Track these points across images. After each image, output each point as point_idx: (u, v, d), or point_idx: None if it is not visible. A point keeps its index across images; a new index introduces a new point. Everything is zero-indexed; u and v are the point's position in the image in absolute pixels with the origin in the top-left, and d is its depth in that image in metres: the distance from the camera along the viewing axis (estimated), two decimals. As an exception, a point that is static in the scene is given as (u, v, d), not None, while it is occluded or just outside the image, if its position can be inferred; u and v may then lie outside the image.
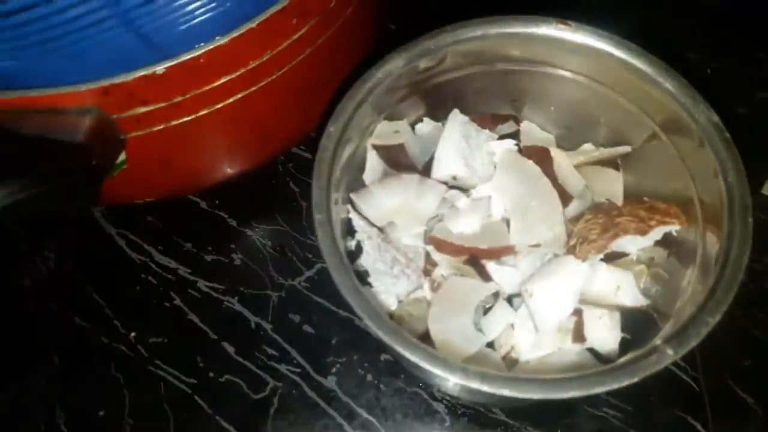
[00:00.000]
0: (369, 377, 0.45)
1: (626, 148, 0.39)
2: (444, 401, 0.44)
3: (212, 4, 0.38)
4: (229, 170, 0.48)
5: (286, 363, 0.46)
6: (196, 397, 0.45)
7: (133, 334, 0.48)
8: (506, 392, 0.27)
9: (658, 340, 0.29)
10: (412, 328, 0.36)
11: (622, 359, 0.29)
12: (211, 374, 0.46)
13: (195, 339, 0.47)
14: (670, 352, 0.29)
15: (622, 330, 0.37)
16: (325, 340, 0.46)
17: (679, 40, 0.59)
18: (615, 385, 0.28)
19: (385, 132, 0.38)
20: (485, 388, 0.27)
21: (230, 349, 0.47)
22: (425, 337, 0.35)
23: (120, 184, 0.46)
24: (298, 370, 0.46)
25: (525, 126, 0.42)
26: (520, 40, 0.36)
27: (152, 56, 0.38)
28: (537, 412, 0.44)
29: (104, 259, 0.51)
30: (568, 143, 0.43)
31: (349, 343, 0.46)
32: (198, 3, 0.38)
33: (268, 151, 0.50)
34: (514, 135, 0.43)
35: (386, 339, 0.28)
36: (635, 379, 0.29)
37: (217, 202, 0.52)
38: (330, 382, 0.45)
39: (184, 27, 0.38)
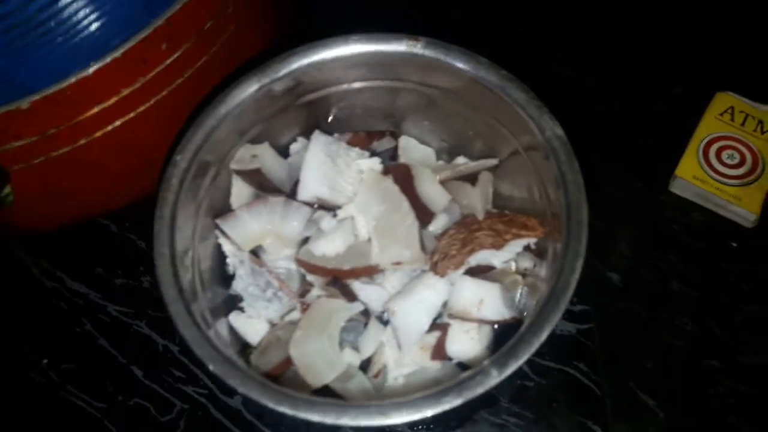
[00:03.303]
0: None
1: (492, 161, 0.39)
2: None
3: (69, 37, 0.38)
4: (126, 196, 0.49)
5: (192, 384, 0.47)
6: (106, 422, 0.46)
7: (45, 361, 0.49)
8: (315, 418, 0.27)
9: (486, 361, 0.29)
10: (279, 352, 0.36)
11: (450, 382, 0.29)
12: (120, 398, 0.47)
13: (105, 363, 0.48)
14: (494, 372, 0.28)
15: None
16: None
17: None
18: (436, 410, 0.28)
19: (244, 157, 0.38)
20: (291, 412, 0.27)
21: (138, 373, 0.48)
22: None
23: (19, 216, 0.47)
24: (205, 391, 0.46)
25: (403, 141, 0.42)
26: (374, 57, 0.36)
27: (14, 92, 0.38)
28: (431, 420, 0.44)
29: (17, 286, 0.51)
30: (448, 156, 0.43)
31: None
32: (57, 33, 0.38)
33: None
34: (395, 149, 0.43)
35: (212, 368, 0.29)
36: (460, 401, 0.28)
37: (126, 224, 0.53)
38: (236, 402, 0.46)
39: (43, 61, 0.38)
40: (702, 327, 0.47)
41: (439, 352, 0.35)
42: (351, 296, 0.37)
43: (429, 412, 0.28)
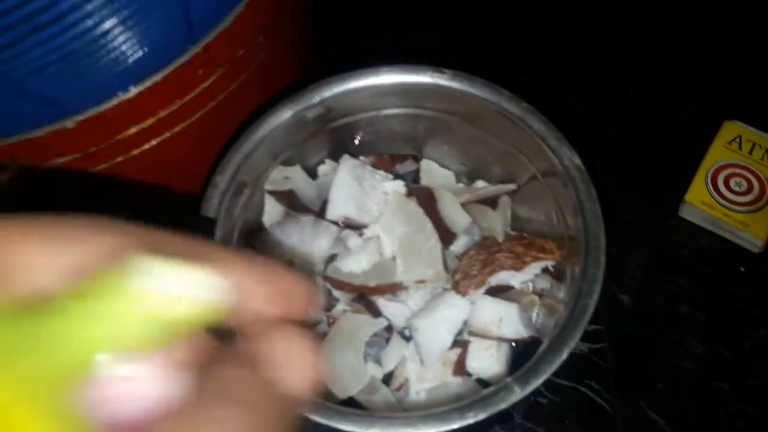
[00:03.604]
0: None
1: (511, 186, 0.41)
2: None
3: (116, 60, 0.40)
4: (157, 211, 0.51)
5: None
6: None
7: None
8: (346, 427, 0.28)
9: (509, 378, 0.31)
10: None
11: (474, 396, 0.31)
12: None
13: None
14: (516, 389, 0.30)
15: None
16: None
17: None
18: (461, 423, 0.30)
19: (277, 178, 0.40)
20: (324, 421, 0.28)
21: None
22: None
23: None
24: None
25: (425, 164, 0.44)
26: (401, 87, 0.38)
27: (58, 112, 0.40)
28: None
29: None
30: (468, 179, 0.45)
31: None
32: (103, 59, 0.40)
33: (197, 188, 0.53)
34: (417, 172, 0.45)
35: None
36: (484, 416, 0.30)
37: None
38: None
39: (88, 84, 0.40)
40: (711, 350, 0.49)
41: (460, 368, 0.37)
42: (375, 312, 0.39)
43: (455, 425, 0.30)
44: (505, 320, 0.37)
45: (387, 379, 0.40)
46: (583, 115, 0.58)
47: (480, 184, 0.43)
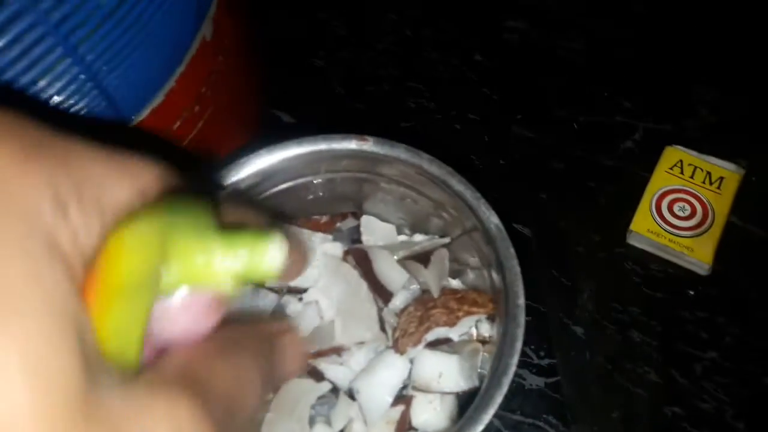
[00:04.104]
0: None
1: (444, 240, 0.42)
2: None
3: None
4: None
5: None
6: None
7: None
8: None
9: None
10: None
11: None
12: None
13: None
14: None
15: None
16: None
17: (547, 97, 0.61)
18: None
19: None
20: None
21: None
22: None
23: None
24: None
25: (365, 220, 0.45)
26: (328, 154, 0.40)
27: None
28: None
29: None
30: (411, 230, 0.46)
31: None
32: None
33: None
34: (358, 228, 0.46)
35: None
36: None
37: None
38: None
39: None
40: (664, 375, 0.50)
41: (402, 426, 0.38)
42: (319, 376, 0.40)
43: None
44: (445, 374, 0.39)
45: (339, 437, 0.41)
46: (527, 149, 0.59)
47: (418, 237, 0.44)
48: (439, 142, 0.45)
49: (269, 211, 0.25)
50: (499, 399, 0.32)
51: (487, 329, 0.42)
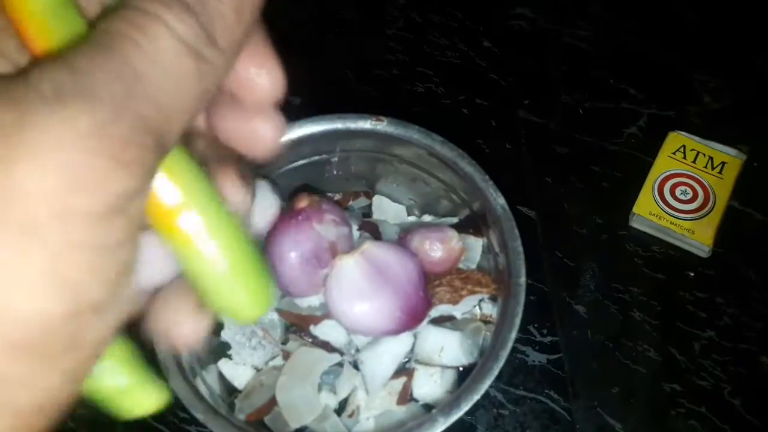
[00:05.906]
0: None
1: (452, 220, 0.44)
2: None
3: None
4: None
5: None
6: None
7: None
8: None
9: (434, 410, 0.34)
10: (261, 396, 0.41)
11: (400, 428, 0.33)
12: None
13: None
14: (440, 419, 0.33)
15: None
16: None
17: (553, 83, 0.62)
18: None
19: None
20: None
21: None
22: (273, 403, 0.40)
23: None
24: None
25: (376, 200, 0.47)
26: (346, 133, 0.41)
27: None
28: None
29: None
30: (420, 211, 0.47)
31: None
32: None
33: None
34: (370, 206, 0.48)
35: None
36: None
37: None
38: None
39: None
40: (663, 353, 0.51)
41: (404, 396, 0.40)
42: (330, 348, 0.42)
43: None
44: (446, 349, 0.40)
45: (343, 404, 0.43)
46: (535, 133, 0.60)
47: (427, 218, 0.46)
48: (447, 126, 0.47)
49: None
50: (496, 371, 0.33)
51: (489, 309, 0.44)
